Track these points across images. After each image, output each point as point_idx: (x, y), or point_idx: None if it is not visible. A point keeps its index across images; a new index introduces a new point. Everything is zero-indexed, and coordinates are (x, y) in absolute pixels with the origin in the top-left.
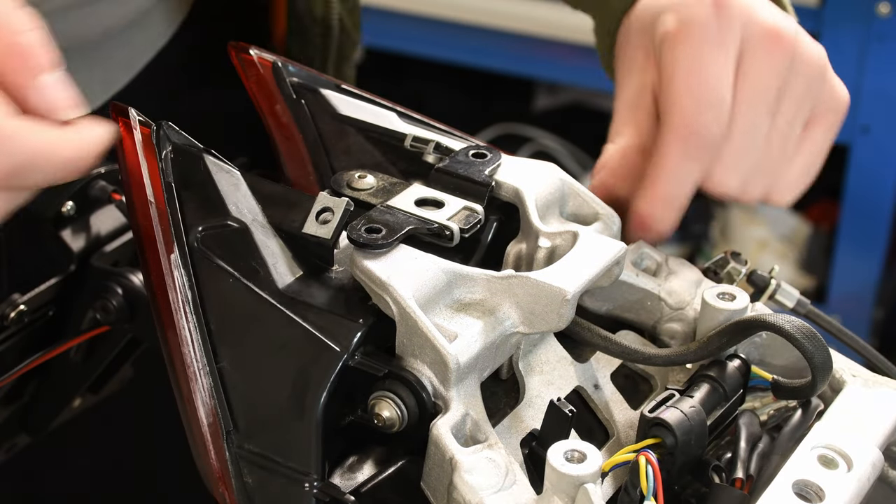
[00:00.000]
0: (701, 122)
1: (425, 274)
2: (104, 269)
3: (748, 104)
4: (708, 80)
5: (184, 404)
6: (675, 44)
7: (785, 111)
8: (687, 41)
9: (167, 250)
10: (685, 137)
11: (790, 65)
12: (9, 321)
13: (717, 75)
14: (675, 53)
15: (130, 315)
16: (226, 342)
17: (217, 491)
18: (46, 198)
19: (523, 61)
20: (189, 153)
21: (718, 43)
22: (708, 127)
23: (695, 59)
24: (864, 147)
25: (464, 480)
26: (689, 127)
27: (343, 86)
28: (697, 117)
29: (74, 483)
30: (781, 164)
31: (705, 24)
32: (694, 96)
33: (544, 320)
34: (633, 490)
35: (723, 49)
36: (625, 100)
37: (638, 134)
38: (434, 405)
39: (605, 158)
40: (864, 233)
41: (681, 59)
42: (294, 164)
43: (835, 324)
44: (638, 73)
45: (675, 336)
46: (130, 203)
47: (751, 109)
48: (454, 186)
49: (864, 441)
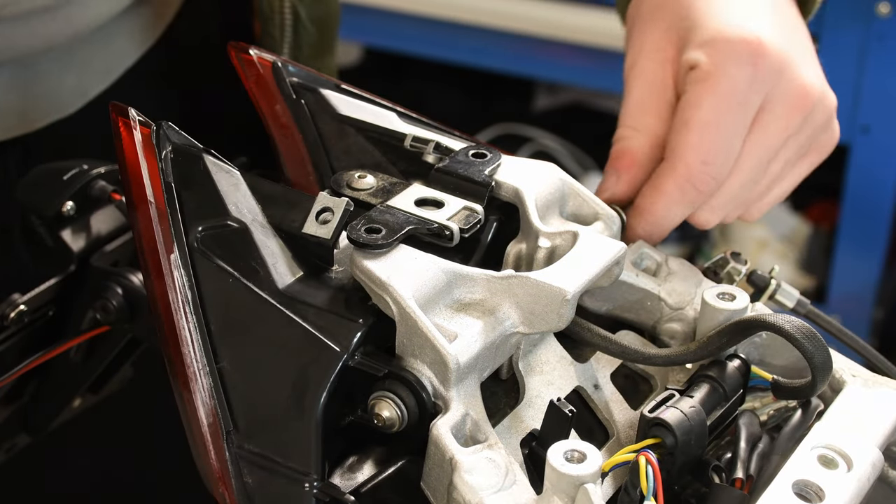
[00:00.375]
0: (703, 177)
1: (425, 274)
2: (104, 269)
3: (753, 158)
4: (722, 138)
5: (184, 404)
6: (701, 91)
7: (783, 157)
8: (713, 94)
9: (167, 250)
10: (683, 185)
11: (805, 120)
12: (9, 321)
13: (733, 133)
14: (699, 102)
15: (130, 315)
16: (226, 342)
17: (217, 491)
18: (46, 198)
19: (523, 61)
20: (189, 153)
21: (744, 100)
22: (708, 181)
23: (716, 115)
24: (864, 147)
25: (464, 480)
26: (691, 178)
27: (343, 86)
28: (702, 170)
29: (74, 483)
30: (762, 196)
31: (736, 81)
32: (703, 151)
33: (544, 320)
34: (633, 490)
35: (746, 107)
36: (646, 86)
37: (662, 128)
38: (434, 405)
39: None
40: (864, 233)
41: (703, 109)
42: (294, 164)
43: (835, 324)
44: (661, 63)
45: (675, 336)
46: (130, 203)
47: (754, 163)
48: (454, 186)
49: (864, 441)
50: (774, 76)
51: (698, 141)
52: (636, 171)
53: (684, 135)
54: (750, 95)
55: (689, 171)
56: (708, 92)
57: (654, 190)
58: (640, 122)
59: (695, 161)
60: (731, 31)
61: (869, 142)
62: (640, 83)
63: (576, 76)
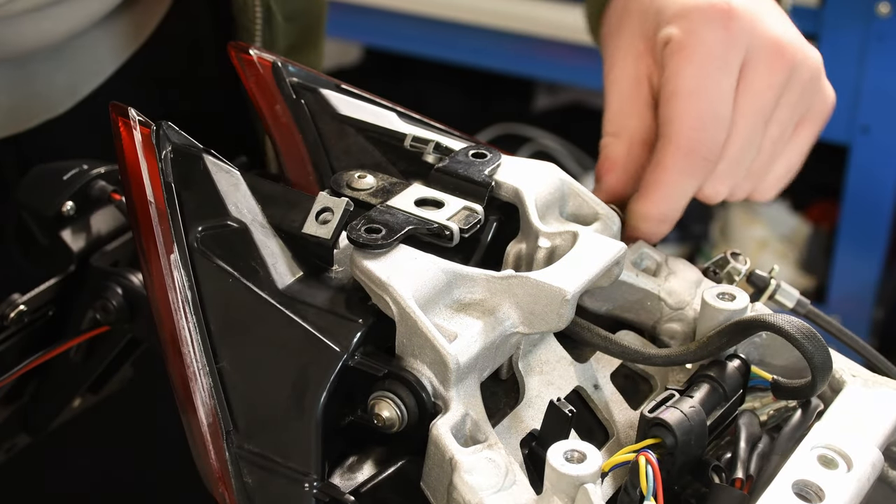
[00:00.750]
0: (702, 141)
1: (425, 274)
2: (104, 269)
3: (746, 118)
4: (710, 101)
5: (184, 404)
6: (680, 60)
7: (778, 118)
8: (693, 61)
9: (167, 250)
10: (685, 156)
11: (790, 75)
12: (9, 321)
13: (719, 95)
14: (680, 71)
15: (130, 315)
16: (226, 342)
17: (217, 491)
18: (46, 198)
19: (523, 61)
20: (189, 153)
21: (723, 62)
22: (708, 145)
23: (700, 80)
24: (864, 147)
25: (464, 480)
26: (689, 146)
27: (343, 86)
28: (699, 136)
29: (74, 483)
30: (768, 165)
31: (712, 44)
32: (696, 117)
33: (544, 320)
34: (633, 490)
35: (727, 68)
36: (622, 90)
37: (641, 127)
38: (434, 405)
39: (613, 156)
40: (864, 233)
41: (686, 77)
42: (294, 164)
43: (835, 324)
44: (634, 60)
45: (674, 336)
46: (130, 203)
47: (748, 123)
48: (454, 186)
49: (864, 441)
50: (748, 34)
51: (686, 108)
52: (616, 174)
53: (673, 105)
54: (728, 56)
55: (685, 139)
56: (686, 60)
57: (656, 166)
58: (619, 125)
59: (688, 129)
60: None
61: (869, 142)
62: (616, 89)
63: (576, 76)
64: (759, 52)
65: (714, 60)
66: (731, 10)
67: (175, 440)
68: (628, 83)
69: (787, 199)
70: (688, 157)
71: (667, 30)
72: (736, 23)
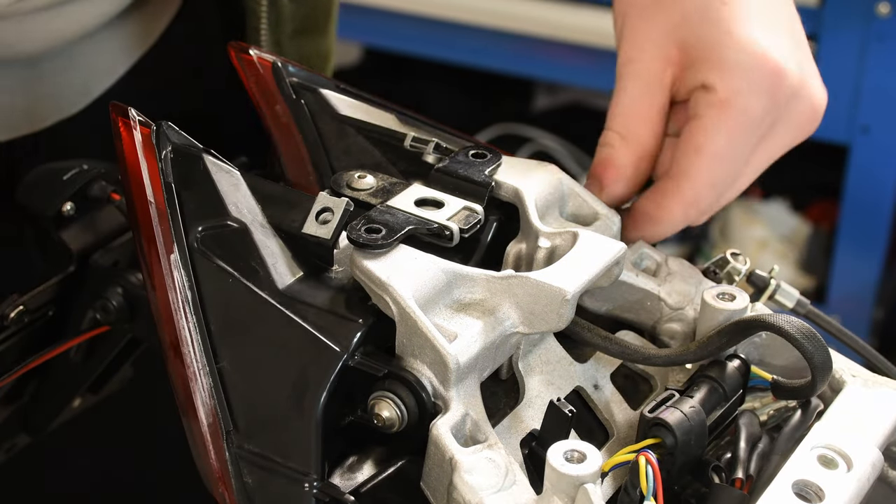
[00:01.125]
0: (708, 199)
1: (425, 274)
2: (104, 269)
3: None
4: (733, 164)
5: (184, 404)
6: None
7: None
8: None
9: (167, 250)
10: (688, 207)
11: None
12: (9, 321)
13: (741, 159)
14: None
15: (130, 315)
16: (226, 342)
17: (217, 491)
18: (46, 198)
19: (523, 61)
20: (189, 153)
21: (758, 126)
22: (712, 202)
23: (729, 147)
24: (864, 147)
25: (464, 480)
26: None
27: (343, 86)
28: (707, 194)
29: (74, 483)
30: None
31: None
32: (713, 177)
33: (544, 320)
34: (633, 490)
35: (758, 133)
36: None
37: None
38: (434, 405)
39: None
40: (864, 233)
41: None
42: (294, 164)
43: (835, 324)
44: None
45: (674, 336)
46: (130, 203)
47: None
48: (454, 186)
49: (863, 441)
50: (789, 100)
51: (708, 168)
52: (621, 187)
53: (695, 160)
54: (764, 121)
55: (695, 194)
56: (723, 121)
57: (658, 207)
58: (629, 129)
59: (703, 185)
60: (754, 55)
61: (869, 142)
62: (635, 82)
63: (576, 76)
64: (792, 119)
65: (750, 126)
66: (780, 75)
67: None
68: (649, 83)
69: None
70: (690, 209)
71: (709, 76)
72: (782, 90)
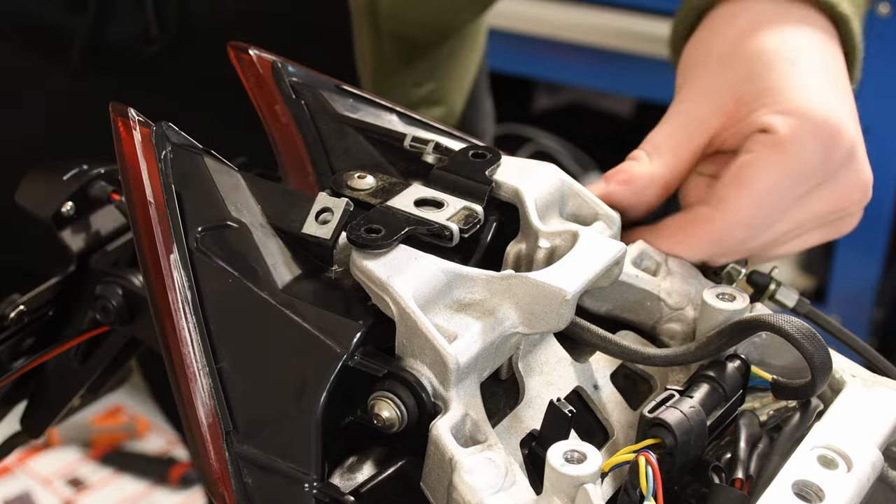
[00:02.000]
0: (737, 237)
1: (425, 274)
2: (104, 269)
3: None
4: (771, 209)
5: (183, 405)
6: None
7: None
8: (782, 165)
9: (167, 250)
10: (716, 238)
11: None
12: (9, 321)
13: (782, 206)
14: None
15: (130, 315)
16: (226, 342)
17: (217, 491)
18: (46, 198)
19: (523, 61)
20: (189, 153)
21: (806, 181)
22: (740, 242)
23: (776, 186)
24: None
25: (463, 481)
26: (726, 234)
27: (343, 86)
28: (739, 232)
29: None
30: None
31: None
32: (750, 216)
33: (544, 320)
34: (633, 490)
35: (805, 187)
36: (683, 127)
37: (675, 166)
38: (434, 405)
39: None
40: (864, 233)
41: (767, 175)
42: (294, 164)
43: (835, 324)
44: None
45: (674, 336)
46: (130, 203)
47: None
48: (454, 186)
49: (863, 441)
50: (841, 165)
51: (749, 204)
52: (625, 194)
53: (737, 192)
54: (814, 175)
55: (728, 227)
56: (777, 160)
57: (686, 229)
58: (657, 150)
59: (738, 222)
60: (817, 108)
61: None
62: (679, 119)
63: (576, 76)
64: (838, 186)
65: (801, 174)
66: (841, 134)
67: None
68: (690, 121)
69: None
70: (717, 242)
71: (771, 118)
72: (839, 149)
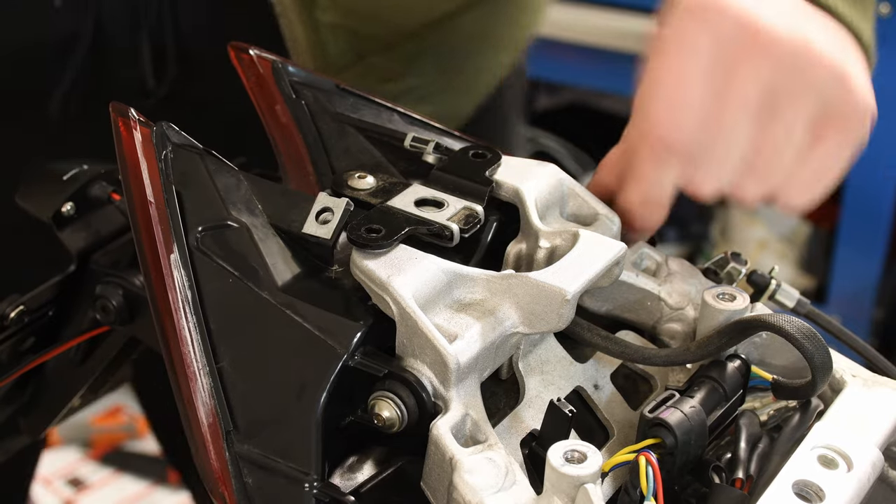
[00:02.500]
0: (665, 128)
1: (425, 274)
2: (104, 269)
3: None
4: (679, 89)
5: (183, 404)
6: (655, 51)
7: (782, 118)
8: (666, 50)
9: (167, 250)
10: (652, 143)
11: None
12: (9, 321)
13: (684, 82)
14: (653, 61)
15: (130, 315)
16: (226, 342)
17: (217, 491)
18: (46, 198)
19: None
20: (189, 153)
21: (696, 51)
22: (672, 132)
23: (661, 68)
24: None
25: (464, 480)
26: (654, 132)
27: (343, 86)
28: (662, 123)
29: None
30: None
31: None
32: (664, 105)
33: (544, 320)
34: (633, 490)
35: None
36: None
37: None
38: (434, 405)
39: (605, 158)
40: (864, 233)
41: (651, 67)
42: (294, 164)
43: (835, 324)
44: None
45: (675, 336)
46: (130, 203)
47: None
48: (454, 186)
49: (864, 441)
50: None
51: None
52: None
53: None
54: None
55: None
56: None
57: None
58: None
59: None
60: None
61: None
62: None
63: (576, 76)
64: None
65: (688, 50)
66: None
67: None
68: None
69: None
70: (654, 146)
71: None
72: (718, 15)
